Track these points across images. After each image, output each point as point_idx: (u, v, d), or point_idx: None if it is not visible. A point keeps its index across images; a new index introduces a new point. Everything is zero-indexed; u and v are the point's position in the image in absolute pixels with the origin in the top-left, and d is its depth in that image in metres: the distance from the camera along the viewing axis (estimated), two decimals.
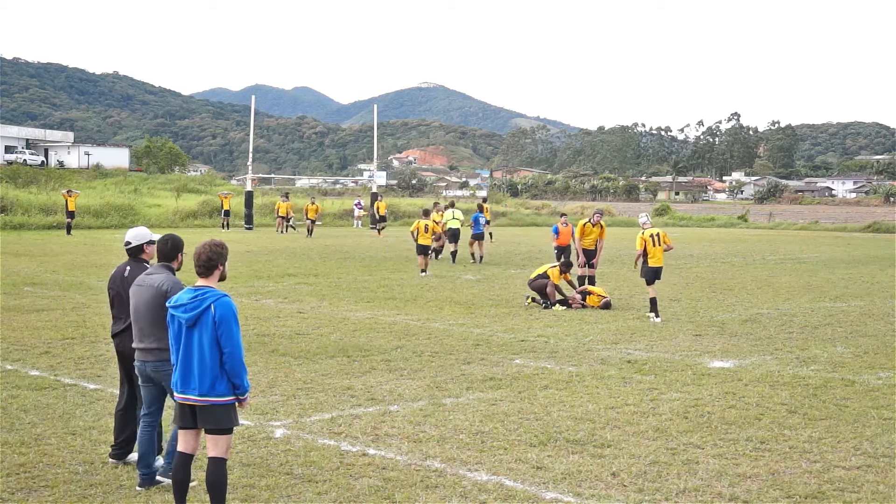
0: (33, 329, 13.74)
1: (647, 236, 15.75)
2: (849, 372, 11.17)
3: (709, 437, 8.12)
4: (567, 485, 6.83)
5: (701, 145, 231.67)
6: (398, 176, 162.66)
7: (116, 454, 7.30)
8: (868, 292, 20.36)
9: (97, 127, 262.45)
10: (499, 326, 14.74)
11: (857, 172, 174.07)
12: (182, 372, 5.83)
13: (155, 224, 45.44)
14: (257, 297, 17.97)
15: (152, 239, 7.49)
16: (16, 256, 26.71)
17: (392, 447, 7.75)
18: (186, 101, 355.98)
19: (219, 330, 5.72)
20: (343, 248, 33.33)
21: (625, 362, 11.72)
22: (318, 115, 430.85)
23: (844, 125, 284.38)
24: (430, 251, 24.04)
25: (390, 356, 11.88)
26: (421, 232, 23.77)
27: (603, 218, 19.42)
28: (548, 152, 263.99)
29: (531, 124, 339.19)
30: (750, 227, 59.16)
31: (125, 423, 7.35)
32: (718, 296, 19.38)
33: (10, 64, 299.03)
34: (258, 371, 10.72)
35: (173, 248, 6.90)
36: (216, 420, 5.80)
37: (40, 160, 77.92)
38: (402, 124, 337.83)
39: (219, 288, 5.93)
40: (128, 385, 7.44)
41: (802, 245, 38.85)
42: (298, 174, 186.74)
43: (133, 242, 7.43)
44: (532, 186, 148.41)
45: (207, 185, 70.65)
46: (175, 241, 6.93)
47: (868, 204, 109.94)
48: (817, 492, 6.70)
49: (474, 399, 9.54)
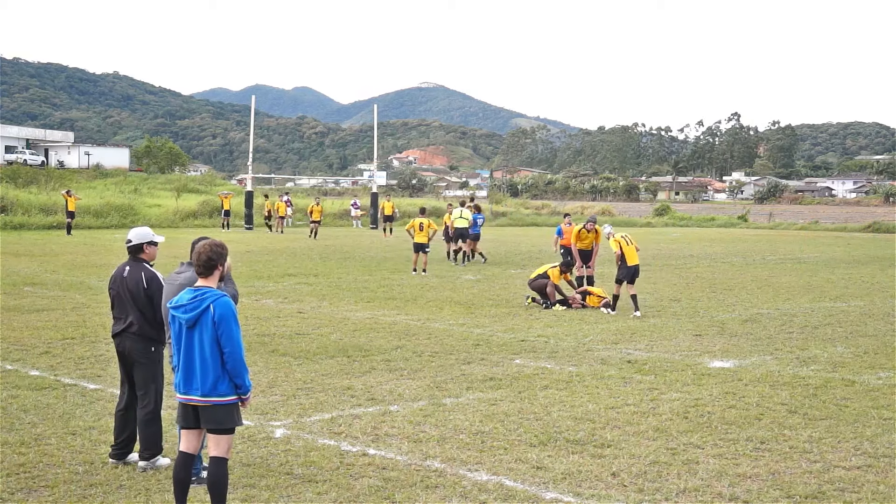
0: (33, 329, 13.74)
1: (619, 238, 16.47)
2: (849, 372, 11.17)
3: (709, 437, 8.12)
4: (567, 485, 6.82)
5: (701, 145, 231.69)
6: (398, 176, 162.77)
7: (116, 454, 7.30)
8: (868, 292, 20.35)
9: (97, 127, 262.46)
10: (499, 326, 14.74)
11: (857, 172, 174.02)
12: (184, 372, 5.83)
13: (155, 224, 45.45)
14: (257, 297, 17.97)
15: (154, 240, 7.50)
16: (16, 256, 26.71)
17: (392, 447, 7.75)
18: (186, 101, 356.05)
19: (218, 330, 5.72)
20: (343, 248, 33.33)
21: (625, 362, 11.72)
22: (318, 115, 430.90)
23: (844, 125, 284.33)
24: (425, 250, 23.84)
25: (390, 356, 11.88)
26: (416, 230, 23.74)
27: (596, 224, 19.57)
28: (548, 152, 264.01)
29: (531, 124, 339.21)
30: (750, 227, 59.14)
31: (125, 424, 7.36)
32: (718, 296, 19.38)
33: (10, 64, 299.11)
34: (258, 371, 10.72)
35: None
36: (219, 420, 5.80)
37: (40, 160, 77.89)
38: (402, 124, 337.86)
39: (219, 288, 5.94)
40: (128, 385, 7.44)
41: (802, 245, 38.85)
42: (298, 174, 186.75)
43: (134, 241, 7.44)
44: (532, 186, 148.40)
45: (207, 185, 70.66)
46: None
47: (868, 204, 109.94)
48: (817, 492, 6.70)
49: (474, 399, 9.54)
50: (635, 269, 16.39)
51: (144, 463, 7.17)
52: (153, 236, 7.52)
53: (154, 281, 7.30)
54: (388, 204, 44.67)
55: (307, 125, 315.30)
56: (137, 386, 7.32)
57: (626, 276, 16.30)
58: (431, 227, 23.94)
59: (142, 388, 7.29)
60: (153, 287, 7.28)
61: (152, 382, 7.28)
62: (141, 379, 7.30)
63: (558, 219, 41.50)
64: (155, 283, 7.29)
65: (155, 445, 7.19)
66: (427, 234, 23.72)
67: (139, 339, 7.29)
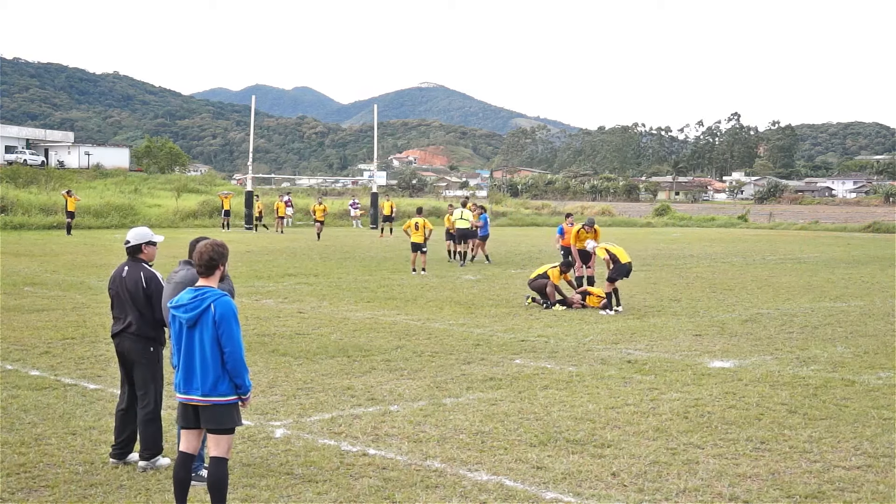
0: (33, 329, 13.74)
1: (603, 245, 17.27)
2: (849, 372, 11.17)
3: (709, 437, 8.12)
4: (567, 485, 6.83)
5: (701, 145, 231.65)
6: (398, 176, 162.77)
7: (117, 454, 7.30)
8: (868, 292, 20.35)
9: (97, 127, 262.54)
10: (499, 326, 14.74)
11: (858, 172, 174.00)
12: (184, 372, 5.83)
13: (155, 224, 45.48)
14: (257, 297, 17.97)
15: (152, 240, 7.50)
16: (16, 256, 26.71)
17: (392, 447, 7.75)
18: (186, 101, 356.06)
19: (219, 329, 5.72)
20: (343, 248, 33.34)
21: (625, 362, 11.72)
22: (318, 115, 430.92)
23: (844, 125, 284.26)
24: (422, 249, 23.79)
25: (390, 356, 11.88)
26: (412, 230, 23.74)
27: (595, 225, 19.61)
28: (548, 152, 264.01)
29: (531, 124, 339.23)
30: (750, 227, 59.14)
31: (125, 423, 7.36)
32: (718, 296, 19.38)
33: (10, 64, 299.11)
34: (258, 371, 10.73)
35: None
36: (219, 420, 5.80)
37: (40, 160, 77.91)
38: (402, 124, 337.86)
39: (220, 288, 5.95)
40: (128, 385, 7.44)
41: (802, 245, 38.84)
42: (298, 174, 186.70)
43: (132, 241, 7.45)
44: (532, 186, 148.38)
45: (207, 185, 70.69)
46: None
47: (868, 204, 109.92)
48: (817, 492, 6.70)
49: (474, 399, 9.54)
50: (629, 266, 16.80)
51: (144, 463, 7.17)
52: (152, 236, 7.52)
53: (153, 281, 7.30)
54: (387, 204, 44.65)
55: (307, 125, 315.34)
56: (137, 386, 7.33)
57: (621, 273, 16.60)
58: (427, 226, 23.87)
59: (141, 388, 7.29)
60: (152, 287, 7.27)
61: (152, 382, 7.28)
62: (140, 379, 7.30)
63: (559, 219, 41.52)
64: (154, 283, 7.29)
65: (155, 445, 7.19)
66: (423, 234, 23.68)
67: (138, 339, 7.29)
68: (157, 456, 7.21)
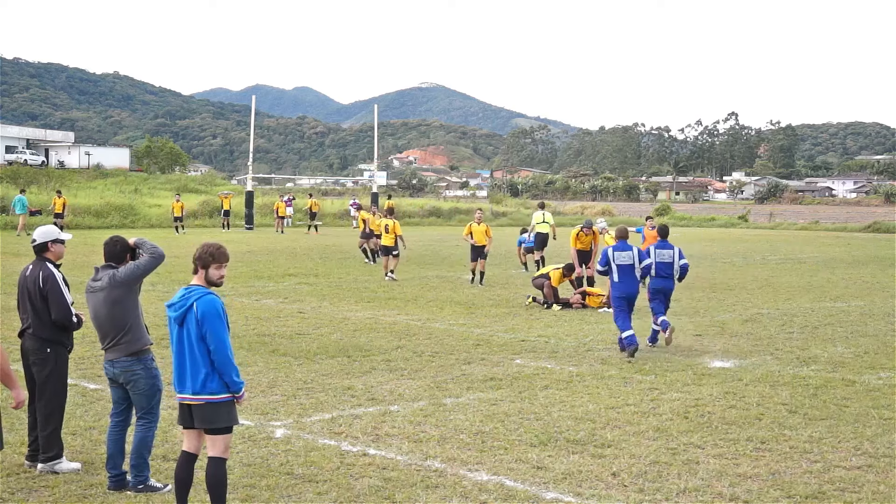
0: None
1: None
2: (849, 372, 11.17)
3: (709, 437, 8.12)
4: (567, 485, 6.83)
5: (701, 145, 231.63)
6: (399, 176, 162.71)
7: (30, 455, 7.25)
8: (868, 292, 20.35)
9: (97, 127, 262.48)
10: (499, 326, 14.74)
11: (858, 172, 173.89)
12: (178, 371, 5.87)
13: (155, 224, 45.51)
14: (257, 297, 17.97)
15: (59, 238, 7.34)
16: (16, 256, 26.70)
17: (392, 447, 7.75)
18: (187, 101, 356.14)
19: (202, 328, 5.74)
20: (343, 248, 33.33)
21: (625, 362, 11.72)
22: (318, 115, 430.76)
23: (845, 125, 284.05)
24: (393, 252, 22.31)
25: (391, 356, 11.88)
26: (382, 232, 22.68)
27: (593, 227, 19.59)
28: (548, 152, 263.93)
29: (531, 124, 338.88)
30: (750, 227, 59.13)
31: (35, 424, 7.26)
32: (718, 296, 19.38)
33: (10, 64, 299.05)
34: (258, 371, 10.73)
35: (122, 249, 6.87)
36: (211, 419, 5.80)
37: (41, 160, 77.86)
38: (402, 124, 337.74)
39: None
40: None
41: (803, 245, 38.84)
42: (299, 174, 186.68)
43: (38, 240, 7.29)
44: (532, 186, 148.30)
45: (208, 185, 70.66)
46: (124, 243, 6.90)
47: (868, 204, 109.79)
48: (817, 492, 6.71)
49: (475, 399, 9.54)
50: None
51: (42, 466, 7.05)
52: (58, 234, 7.36)
53: (49, 280, 7.08)
54: (388, 203, 44.81)
55: (307, 125, 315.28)
56: (38, 385, 7.15)
57: None
58: (397, 230, 22.46)
59: (40, 388, 7.13)
60: (48, 286, 7.06)
61: (48, 384, 7.10)
62: (39, 379, 7.14)
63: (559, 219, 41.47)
64: (50, 282, 7.07)
65: (51, 448, 7.03)
66: (392, 237, 22.26)
67: (35, 339, 7.13)
68: (59, 459, 7.06)
